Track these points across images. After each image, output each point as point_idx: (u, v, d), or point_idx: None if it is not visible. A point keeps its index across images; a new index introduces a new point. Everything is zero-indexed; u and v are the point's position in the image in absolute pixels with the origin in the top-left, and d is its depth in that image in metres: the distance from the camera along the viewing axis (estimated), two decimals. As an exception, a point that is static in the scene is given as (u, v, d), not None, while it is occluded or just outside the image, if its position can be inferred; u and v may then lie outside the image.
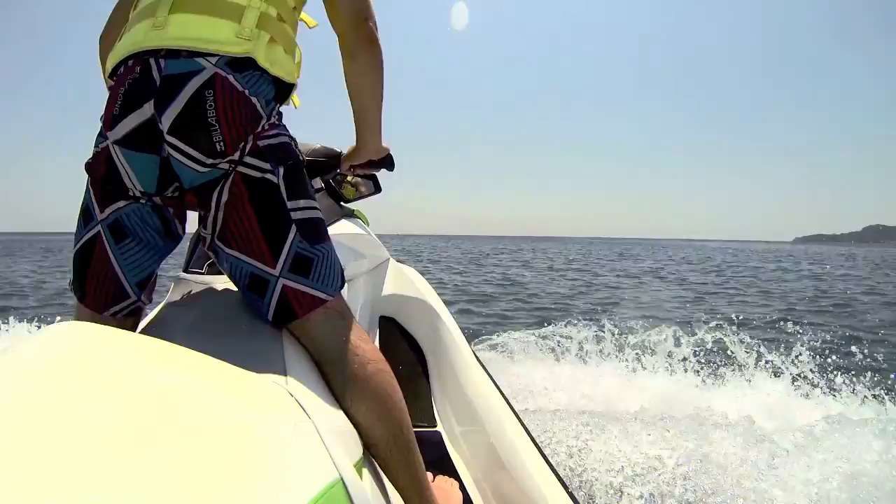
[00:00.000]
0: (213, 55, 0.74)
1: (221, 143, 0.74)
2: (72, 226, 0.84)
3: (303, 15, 0.91)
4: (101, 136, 0.77)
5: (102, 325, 0.57)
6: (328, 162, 1.25)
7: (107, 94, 0.79)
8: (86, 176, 0.81)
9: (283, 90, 0.83)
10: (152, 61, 0.73)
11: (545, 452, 1.11)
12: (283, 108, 0.85)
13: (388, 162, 1.19)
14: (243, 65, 0.75)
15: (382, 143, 1.11)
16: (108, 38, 0.96)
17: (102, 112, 0.78)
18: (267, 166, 0.77)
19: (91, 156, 0.79)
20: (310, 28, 0.91)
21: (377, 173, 1.28)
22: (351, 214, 1.51)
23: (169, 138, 0.73)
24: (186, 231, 0.89)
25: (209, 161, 0.74)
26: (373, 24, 0.90)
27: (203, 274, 1.04)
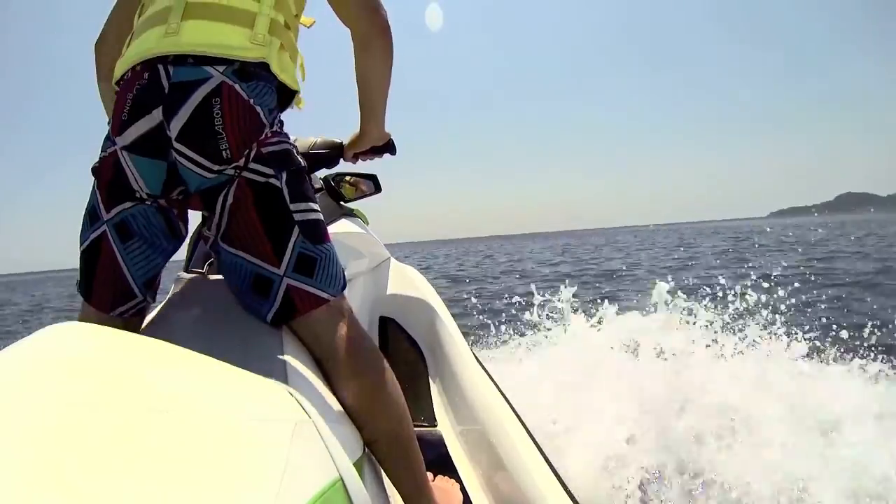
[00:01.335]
0: (220, 63, 0.75)
1: (227, 151, 0.75)
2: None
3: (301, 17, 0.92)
4: (109, 140, 0.79)
5: (101, 326, 0.57)
6: (331, 153, 1.25)
7: (100, 99, 0.80)
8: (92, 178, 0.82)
9: (286, 98, 0.85)
10: (160, 67, 0.75)
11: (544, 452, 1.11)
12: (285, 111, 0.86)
13: (390, 147, 1.21)
14: (249, 75, 0.77)
15: (385, 129, 1.13)
16: (106, 45, 0.97)
17: (110, 117, 0.80)
18: (270, 171, 0.78)
19: (98, 159, 0.80)
20: (307, 27, 0.91)
21: (379, 164, 1.29)
22: (351, 214, 1.51)
23: (177, 145, 0.75)
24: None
25: (216, 167, 0.76)
26: (385, 12, 0.90)
27: (203, 273, 1.04)
